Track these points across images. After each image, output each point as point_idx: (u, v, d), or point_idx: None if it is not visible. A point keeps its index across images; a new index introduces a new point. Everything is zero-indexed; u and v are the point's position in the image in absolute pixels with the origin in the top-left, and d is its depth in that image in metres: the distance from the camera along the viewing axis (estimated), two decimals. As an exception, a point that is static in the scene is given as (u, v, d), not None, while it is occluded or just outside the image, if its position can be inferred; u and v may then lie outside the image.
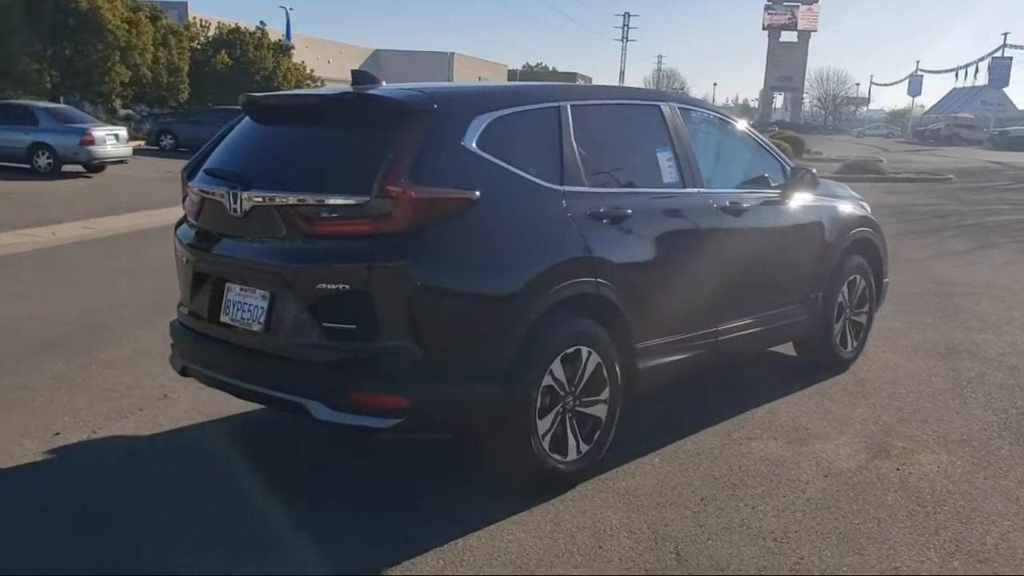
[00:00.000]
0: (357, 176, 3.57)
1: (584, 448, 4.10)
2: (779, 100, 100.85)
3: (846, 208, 5.92)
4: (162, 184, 18.06)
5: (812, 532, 3.69)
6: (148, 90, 30.86)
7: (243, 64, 36.02)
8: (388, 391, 3.52)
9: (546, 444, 3.92)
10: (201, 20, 38.34)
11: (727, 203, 4.86)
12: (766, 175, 5.35)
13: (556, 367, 3.91)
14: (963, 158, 39.54)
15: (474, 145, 3.76)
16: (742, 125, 5.48)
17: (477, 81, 75.05)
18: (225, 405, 5.05)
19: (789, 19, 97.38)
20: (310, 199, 3.60)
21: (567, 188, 4.03)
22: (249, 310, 3.84)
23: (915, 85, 78.06)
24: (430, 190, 3.53)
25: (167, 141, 27.33)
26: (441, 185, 3.58)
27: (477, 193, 3.66)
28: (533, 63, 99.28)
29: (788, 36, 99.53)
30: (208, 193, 4.04)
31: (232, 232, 3.91)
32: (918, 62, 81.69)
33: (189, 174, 4.29)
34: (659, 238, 4.38)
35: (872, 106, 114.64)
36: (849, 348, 6.05)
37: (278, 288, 3.73)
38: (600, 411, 4.16)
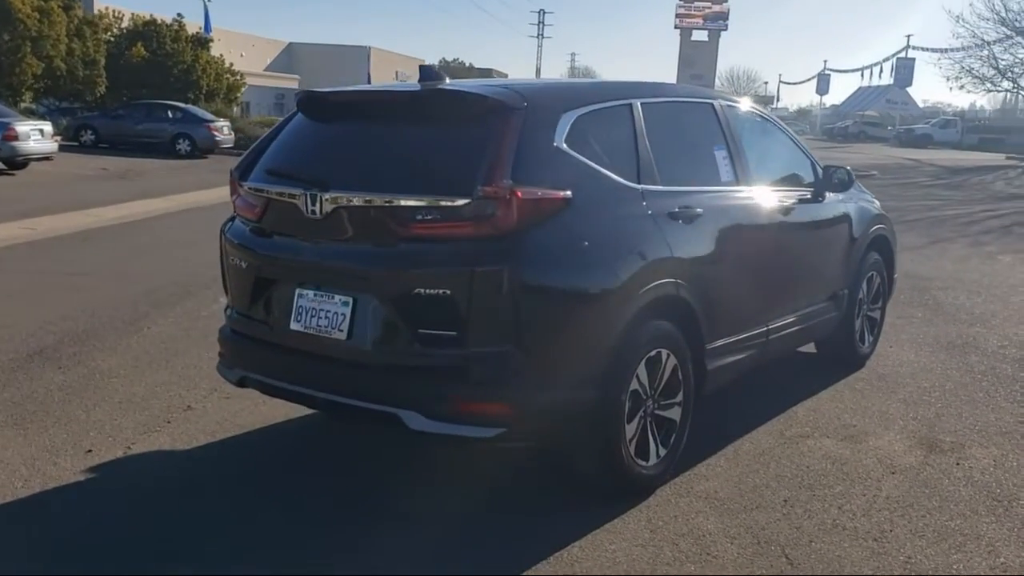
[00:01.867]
0: (453, 176, 3.42)
1: (662, 452, 4.03)
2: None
3: (865, 206, 6.01)
4: (94, 182, 17.29)
5: (907, 531, 3.69)
6: (63, 83, 29.45)
7: (160, 57, 34.73)
8: (491, 399, 3.39)
9: (632, 449, 3.83)
10: (114, 11, 36.84)
11: (776, 201, 4.87)
12: (799, 173, 5.38)
13: (641, 370, 3.83)
14: (877, 155, 40.87)
15: (564, 143, 3.65)
16: (777, 122, 5.49)
17: (395, 77, 74.57)
18: (258, 416, 4.86)
19: (700, 18, 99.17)
20: (403, 201, 3.43)
21: (644, 187, 3.95)
22: (327, 316, 3.63)
23: (823, 84, 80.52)
24: (533, 190, 3.40)
25: (87, 137, 26.09)
26: (539, 185, 3.46)
27: (569, 193, 3.55)
28: (450, 58, 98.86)
29: (699, 35, 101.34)
30: (275, 194, 3.82)
31: (307, 235, 3.70)
32: (825, 61, 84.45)
33: (242, 174, 4.05)
34: (725, 237, 4.33)
35: (779, 104, 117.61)
36: (866, 344, 6.14)
37: (365, 293, 3.55)
38: (675, 414, 4.09)
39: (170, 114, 26.29)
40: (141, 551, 3.44)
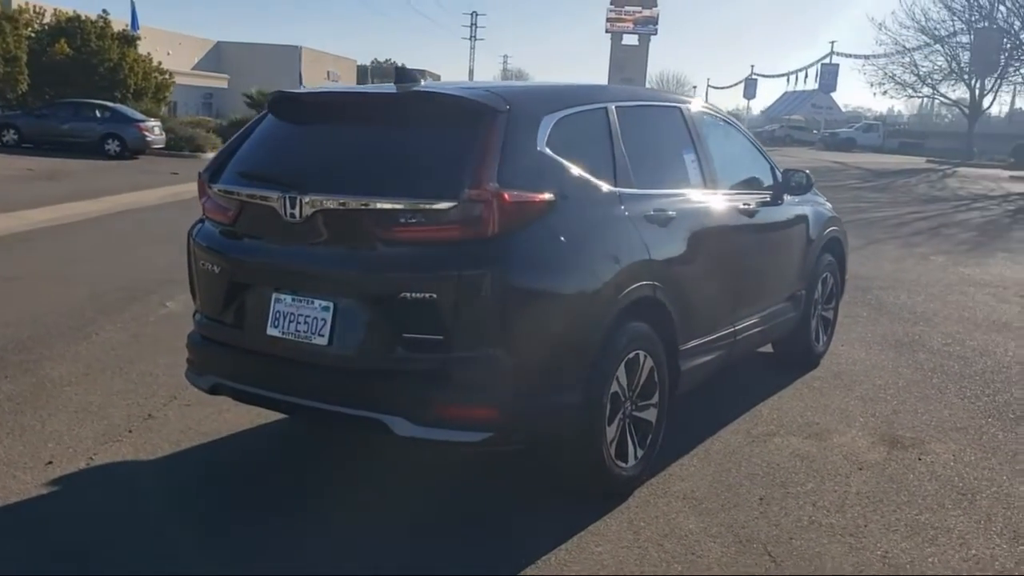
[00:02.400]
0: (437, 179, 3.40)
1: (640, 453, 4.06)
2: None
3: (820, 209, 6.15)
4: (21, 183, 16.69)
5: (881, 526, 3.78)
6: (-18, 81, 28.40)
7: (85, 55, 33.69)
8: (479, 403, 3.36)
9: (612, 451, 3.85)
10: (35, 7, 35.62)
11: (742, 204, 4.95)
12: (761, 176, 5.47)
13: (621, 372, 3.85)
14: (804, 158, 41.72)
15: (544, 146, 3.65)
16: (738, 125, 5.58)
17: (327, 78, 73.41)
18: (223, 424, 4.76)
19: (631, 23, 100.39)
20: (387, 204, 3.39)
21: (621, 190, 3.98)
22: (306, 322, 3.57)
23: (750, 88, 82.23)
24: (519, 193, 3.40)
25: (10, 136, 25.09)
26: (523, 188, 3.45)
27: (552, 196, 3.55)
28: (382, 59, 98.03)
29: (630, 39, 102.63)
30: (249, 196, 3.73)
31: (284, 238, 3.62)
32: (752, 66, 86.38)
33: (211, 176, 3.95)
34: (696, 240, 4.38)
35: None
36: (821, 343, 6.28)
37: (347, 297, 3.49)
38: (651, 415, 4.13)
39: (98, 113, 25.48)
40: (114, 563, 3.33)
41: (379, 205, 3.40)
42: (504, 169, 3.39)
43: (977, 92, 46.62)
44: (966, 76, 45.70)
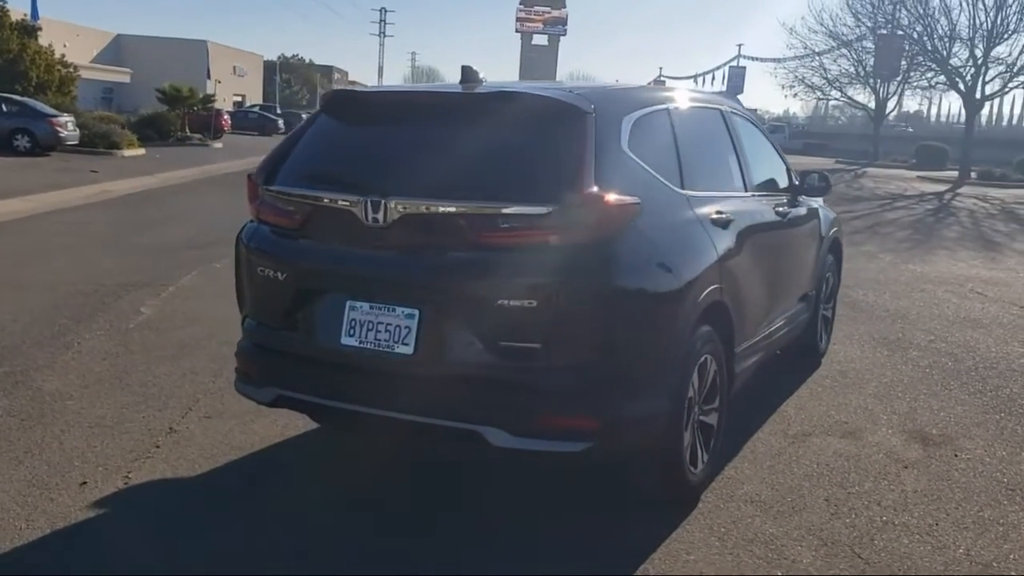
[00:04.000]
0: (533, 182, 3.30)
1: (706, 458, 4.03)
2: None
3: (825, 211, 6.24)
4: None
5: (952, 524, 3.84)
6: None
7: (-18, 46, 32.04)
8: (579, 412, 3.27)
9: (687, 457, 3.81)
10: (-74, -5, 33.63)
11: (774, 206, 4.98)
12: (782, 177, 5.50)
13: (695, 377, 3.81)
14: (719, 158, 42.85)
15: (627, 148, 3.58)
16: (760, 125, 5.60)
17: (233, 72, 71.47)
18: (254, 436, 4.56)
19: (540, 23, 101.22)
20: (481, 208, 3.26)
21: (687, 192, 3.94)
22: (387, 330, 3.40)
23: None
24: (618, 197, 3.32)
25: (-92, 133, 23.70)
26: (615, 190, 3.36)
27: (638, 198, 3.49)
28: (289, 54, 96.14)
29: (540, 40, 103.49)
30: (318, 200, 3.55)
31: (360, 243, 3.45)
32: (660, 68, 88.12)
33: (267, 177, 3.74)
34: (748, 242, 4.36)
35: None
36: (823, 342, 6.38)
37: (435, 305, 3.34)
38: (713, 419, 4.10)
39: (5, 107, 24.15)
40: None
41: (472, 209, 3.28)
42: (600, 172, 3.31)
43: (881, 95, 48.48)
44: (871, 80, 47.44)
